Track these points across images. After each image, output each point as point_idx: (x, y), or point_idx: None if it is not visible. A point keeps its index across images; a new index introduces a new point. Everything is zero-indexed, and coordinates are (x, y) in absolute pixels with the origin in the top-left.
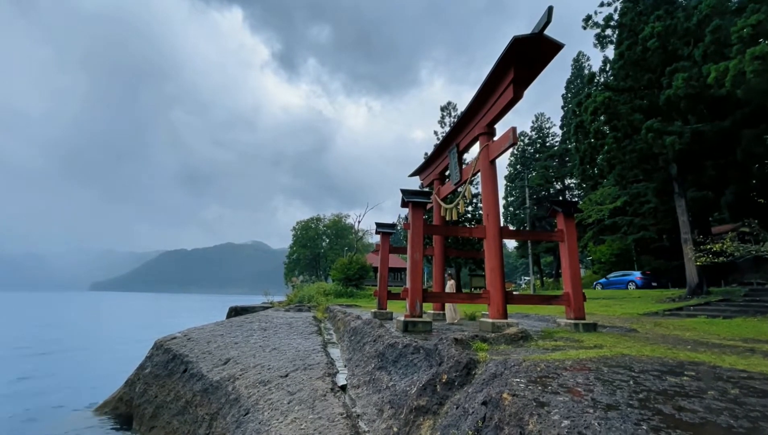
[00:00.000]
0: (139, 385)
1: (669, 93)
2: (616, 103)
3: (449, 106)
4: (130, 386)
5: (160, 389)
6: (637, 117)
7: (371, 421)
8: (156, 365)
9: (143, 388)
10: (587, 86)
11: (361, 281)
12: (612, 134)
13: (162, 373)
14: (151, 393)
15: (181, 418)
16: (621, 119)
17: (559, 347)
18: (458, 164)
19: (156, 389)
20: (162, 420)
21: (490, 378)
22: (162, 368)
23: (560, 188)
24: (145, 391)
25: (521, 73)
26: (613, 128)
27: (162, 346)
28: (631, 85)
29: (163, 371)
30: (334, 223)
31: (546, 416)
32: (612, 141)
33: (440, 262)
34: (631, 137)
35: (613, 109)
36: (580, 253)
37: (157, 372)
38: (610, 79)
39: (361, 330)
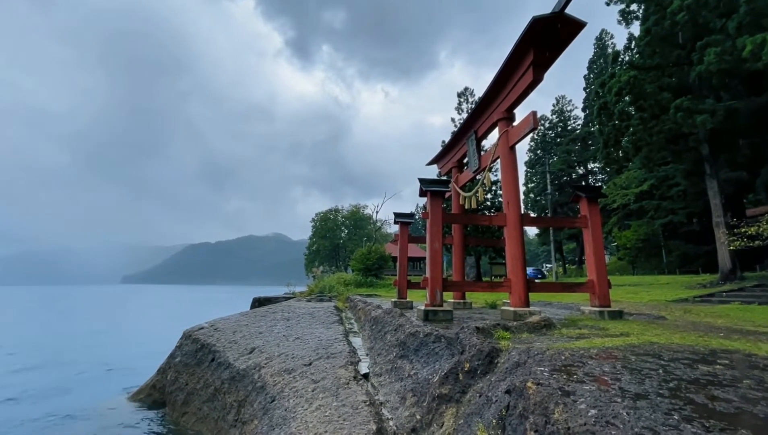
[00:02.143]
0: (170, 373)
1: (700, 69)
2: (642, 82)
3: (466, 92)
4: (162, 374)
5: (190, 377)
6: (665, 96)
7: (394, 408)
8: (185, 354)
9: (174, 376)
10: (611, 65)
11: (380, 271)
12: (638, 115)
13: (191, 362)
14: (182, 381)
15: (210, 404)
16: (648, 99)
17: (584, 335)
18: (477, 151)
19: (186, 377)
20: (193, 406)
21: (513, 367)
22: (191, 357)
23: (583, 173)
24: (176, 379)
25: (541, 55)
26: (639, 108)
27: (190, 336)
28: (659, 62)
29: (192, 360)
30: (352, 214)
31: (572, 405)
32: (638, 122)
33: (460, 251)
34: (658, 117)
35: (639, 88)
36: (604, 240)
37: (186, 361)
38: (636, 57)
39: (382, 319)
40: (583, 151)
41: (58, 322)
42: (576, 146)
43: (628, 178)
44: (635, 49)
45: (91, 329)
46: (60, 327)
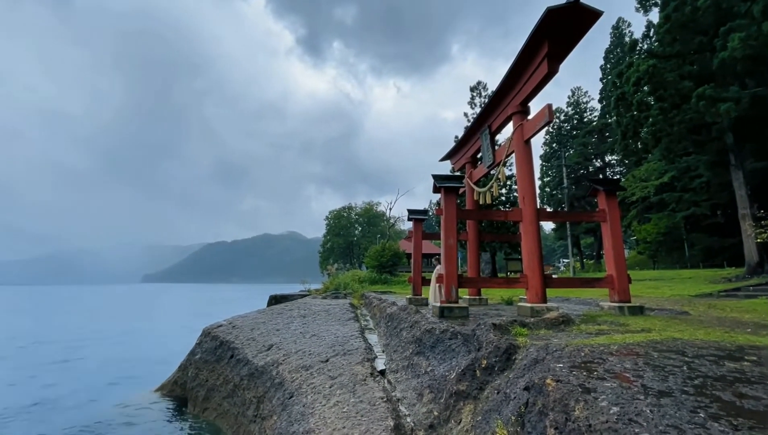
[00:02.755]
0: (191, 369)
1: (723, 55)
2: (661, 70)
3: (479, 86)
4: (183, 371)
5: (210, 374)
6: (687, 84)
7: (411, 404)
8: (205, 351)
9: (195, 373)
10: (629, 55)
11: (394, 268)
12: (658, 105)
13: (211, 358)
14: (202, 377)
15: (230, 400)
16: (668, 88)
17: (604, 331)
18: (491, 146)
19: (206, 374)
20: (213, 402)
21: (532, 363)
22: (211, 354)
23: (600, 166)
24: (196, 375)
25: (556, 46)
26: (658, 98)
27: (210, 333)
28: (679, 50)
29: (211, 357)
30: (365, 211)
31: (593, 402)
32: (658, 112)
33: (475, 247)
34: (679, 107)
35: (659, 77)
36: (623, 233)
37: (206, 358)
38: (655, 45)
39: (398, 316)
40: (600, 143)
41: (86, 320)
42: (593, 138)
43: (647, 170)
44: (654, 37)
45: (116, 326)
46: (88, 324)
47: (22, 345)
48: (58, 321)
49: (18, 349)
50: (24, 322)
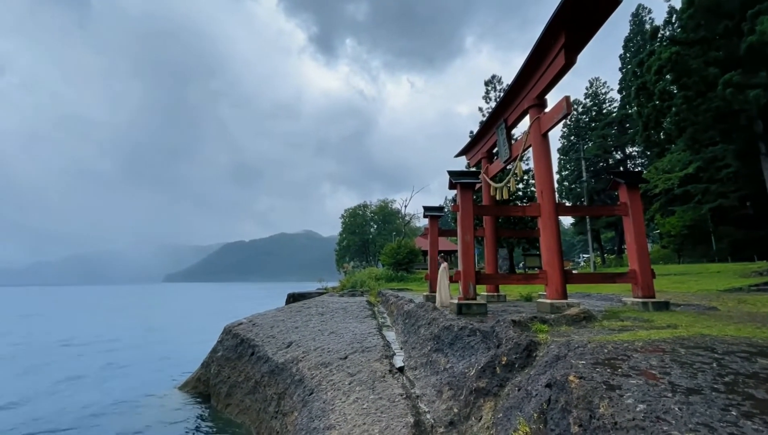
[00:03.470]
0: (213, 366)
1: (752, 40)
2: (685, 58)
3: (494, 80)
4: (206, 368)
5: (231, 371)
6: (712, 71)
7: (431, 401)
8: (227, 349)
9: (217, 370)
10: (650, 43)
11: (410, 265)
12: (681, 93)
13: (232, 356)
14: (225, 374)
15: (252, 396)
16: (692, 75)
17: (627, 328)
18: (507, 140)
19: (228, 371)
20: (236, 398)
21: (553, 360)
22: (232, 351)
23: (620, 158)
24: (219, 372)
25: (573, 37)
26: (682, 87)
27: (231, 331)
28: (704, 35)
29: (233, 354)
30: (380, 209)
31: (618, 400)
32: (681, 101)
33: (492, 243)
34: (704, 95)
35: (682, 65)
36: (646, 227)
37: (228, 355)
38: (677, 31)
39: (415, 313)
40: (620, 135)
41: (114, 319)
42: (612, 130)
43: (671, 162)
44: (677, 23)
45: (142, 325)
46: (116, 323)
47: (63, 344)
48: (92, 321)
49: (60, 348)
50: (65, 322)
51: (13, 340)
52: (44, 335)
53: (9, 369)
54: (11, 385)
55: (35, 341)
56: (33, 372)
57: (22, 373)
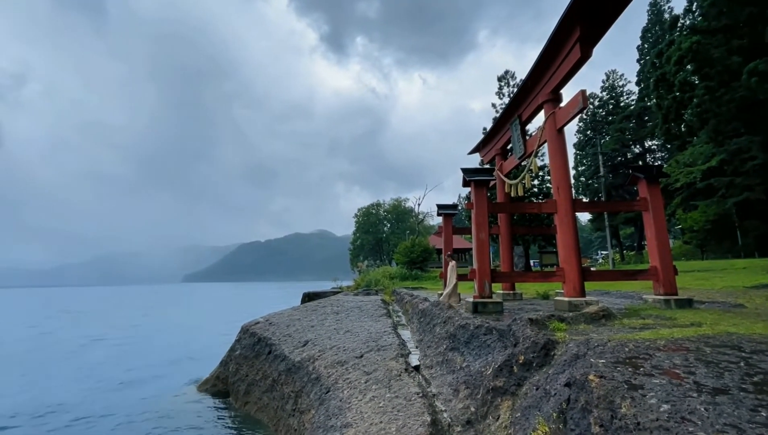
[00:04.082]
0: (231, 365)
1: None
2: (707, 47)
3: (507, 75)
4: (224, 366)
5: (249, 369)
6: (736, 60)
7: (447, 400)
8: (244, 347)
9: (235, 368)
10: (669, 33)
11: (425, 264)
12: (703, 84)
13: (250, 354)
14: (243, 372)
15: (270, 394)
16: (714, 65)
17: (648, 326)
18: (521, 137)
19: (246, 369)
20: (254, 396)
21: (572, 359)
22: (250, 350)
23: (639, 152)
24: (237, 371)
25: (588, 29)
26: (704, 77)
27: (248, 330)
28: (727, 23)
29: (250, 353)
30: (393, 208)
31: (641, 399)
32: (703, 91)
33: (507, 240)
34: (727, 85)
35: (704, 54)
36: (667, 222)
37: (245, 354)
38: (698, 20)
39: (430, 312)
40: (639, 128)
41: (136, 318)
42: (630, 124)
43: (692, 155)
44: (697, 11)
45: (162, 324)
46: (138, 322)
47: (84, 343)
48: (118, 320)
49: (81, 347)
50: (92, 322)
51: (46, 339)
52: (72, 335)
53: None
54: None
55: (64, 339)
56: (58, 369)
57: (49, 372)
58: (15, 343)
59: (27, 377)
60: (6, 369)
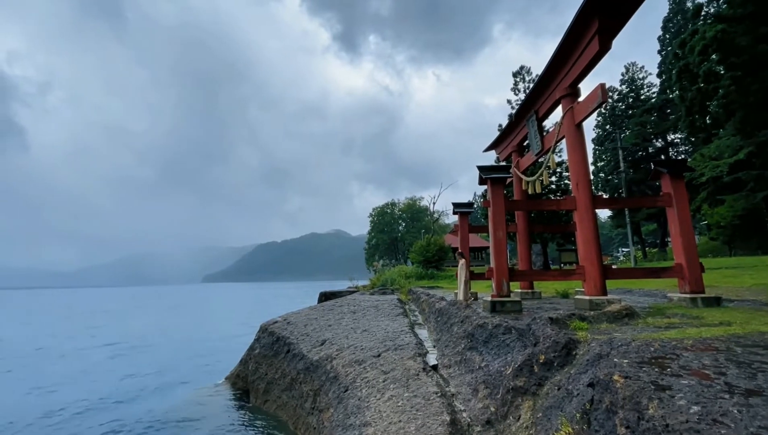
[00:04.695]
0: (251, 363)
1: None
2: (732, 35)
3: (522, 70)
4: (244, 364)
5: (268, 368)
6: (763, 48)
7: (466, 400)
8: (263, 346)
9: (255, 367)
10: (692, 22)
11: (440, 263)
12: (729, 74)
13: (269, 353)
14: (262, 371)
15: (289, 393)
16: (741, 54)
17: (674, 325)
18: (538, 133)
19: (265, 368)
20: (273, 394)
21: (595, 359)
22: (268, 349)
23: (662, 146)
24: (256, 369)
25: (607, 21)
26: (730, 66)
27: (266, 329)
28: (753, 10)
29: (269, 352)
30: (408, 207)
31: (669, 401)
32: (729, 82)
33: (525, 238)
34: (755, 74)
35: (730, 43)
36: (692, 218)
37: (264, 352)
38: (723, 8)
39: (447, 311)
40: (661, 121)
41: (160, 318)
42: (652, 117)
43: (718, 147)
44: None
45: (184, 323)
46: (161, 321)
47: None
48: (143, 319)
49: (113, 345)
50: (125, 321)
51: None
52: (98, 336)
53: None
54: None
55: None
56: (87, 367)
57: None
58: (63, 343)
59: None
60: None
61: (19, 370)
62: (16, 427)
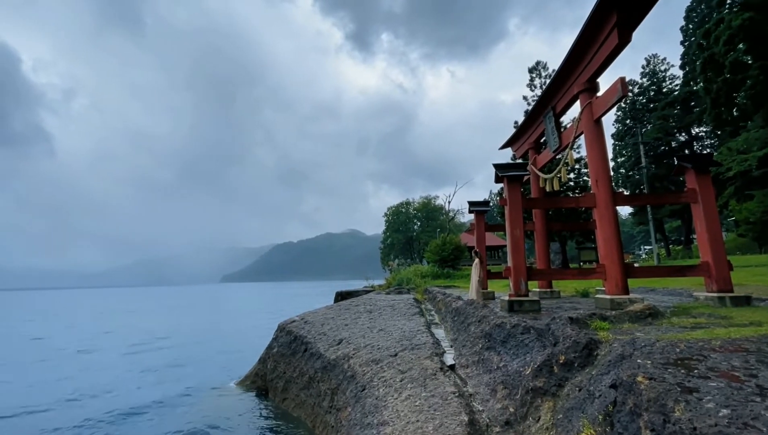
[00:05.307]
0: (269, 362)
1: None
2: (760, 23)
3: (538, 66)
4: (263, 363)
5: (287, 366)
6: None
7: (485, 400)
8: (281, 345)
9: (273, 365)
10: (716, 10)
11: (456, 262)
12: (758, 64)
13: (287, 352)
14: (280, 370)
15: (307, 391)
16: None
17: (701, 325)
18: (556, 129)
19: (284, 366)
20: (291, 393)
21: (617, 359)
22: (286, 348)
23: (685, 140)
24: (275, 368)
25: (626, 13)
26: (758, 56)
27: (284, 328)
28: None
29: (287, 351)
30: (423, 206)
31: (697, 403)
32: (758, 72)
33: (543, 237)
34: None
35: (758, 31)
36: (719, 214)
37: (282, 351)
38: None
39: (464, 310)
40: (684, 114)
41: (181, 317)
42: (675, 110)
43: (746, 140)
44: None
45: (205, 322)
46: (183, 320)
47: (140, 341)
48: (168, 318)
49: (136, 344)
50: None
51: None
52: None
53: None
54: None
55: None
56: (111, 366)
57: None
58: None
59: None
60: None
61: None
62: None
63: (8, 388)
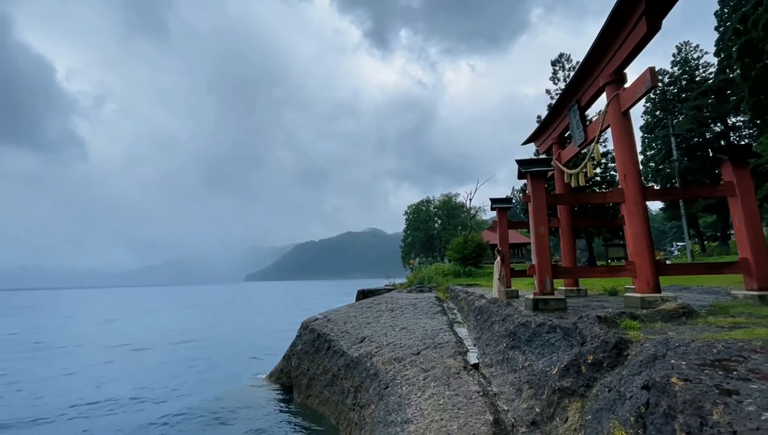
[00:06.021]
0: (294, 359)
1: None
2: None
3: (561, 58)
4: (287, 360)
5: (310, 364)
6: None
7: (510, 400)
8: (305, 343)
9: (297, 363)
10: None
11: (478, 260)
12: None
13: (310, 350)
14: (304, 367)
15: (330, 389)
16: None
17: (740, 325)
18: (581, 123)
19: (307, 364)
20: (315, 390)
21: (650, 360)
22: (310, 346)
23: (721, 130)
24: (299, 365)
25: (655, 1)
26: None
27: (308, 326)
28: None
29: (311, 348)
30: (444, 204)
31: (736, 406)
32: None
33: (568, 234)
34: None
35: None
36: (759, 208)
37: (306, 349)
38: None
39: (488, 309)
40: (720, 104)
41: (210, 314)
42: (709, 100)
43: None
44: None
45: (231, 319)
46: (211, 318)
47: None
48: (197, 316)
49: (169, 342)
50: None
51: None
52: (158, 331)
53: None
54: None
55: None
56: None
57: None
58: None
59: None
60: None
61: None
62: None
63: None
